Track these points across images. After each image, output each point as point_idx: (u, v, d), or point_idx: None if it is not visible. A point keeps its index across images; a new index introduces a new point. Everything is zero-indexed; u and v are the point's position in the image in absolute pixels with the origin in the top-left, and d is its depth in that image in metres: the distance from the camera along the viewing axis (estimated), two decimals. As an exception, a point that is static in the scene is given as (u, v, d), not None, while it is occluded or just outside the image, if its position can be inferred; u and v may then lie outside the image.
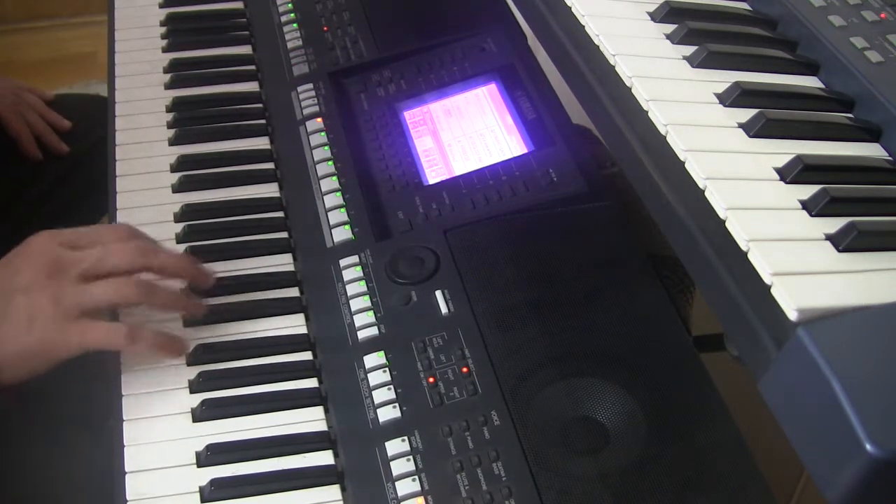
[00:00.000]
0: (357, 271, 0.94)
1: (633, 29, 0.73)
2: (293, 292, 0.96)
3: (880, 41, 0.70)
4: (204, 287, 0.92)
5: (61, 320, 0.82)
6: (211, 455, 0.82)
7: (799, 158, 0.61)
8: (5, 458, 0.93)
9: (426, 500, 0.78)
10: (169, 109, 1.14)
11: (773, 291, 0.53)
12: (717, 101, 0.67)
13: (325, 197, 1.01)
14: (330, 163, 1.05)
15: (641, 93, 0.66)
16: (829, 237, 0.57)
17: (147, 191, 1.05)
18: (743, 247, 0.55)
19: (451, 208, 0.98)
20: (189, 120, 1.13)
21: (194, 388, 0.87)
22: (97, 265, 0.85)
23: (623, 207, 0.97)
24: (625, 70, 0.68)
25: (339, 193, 1.01)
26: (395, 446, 0.81)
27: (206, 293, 0.93)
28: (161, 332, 0.88)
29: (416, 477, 0.79)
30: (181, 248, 0.99)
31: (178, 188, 1.05)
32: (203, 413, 0.85)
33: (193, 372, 0.88)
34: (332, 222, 0.99)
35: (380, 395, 0.84)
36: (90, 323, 0.83)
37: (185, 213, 1.02)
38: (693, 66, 0.70)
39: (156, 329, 0.88)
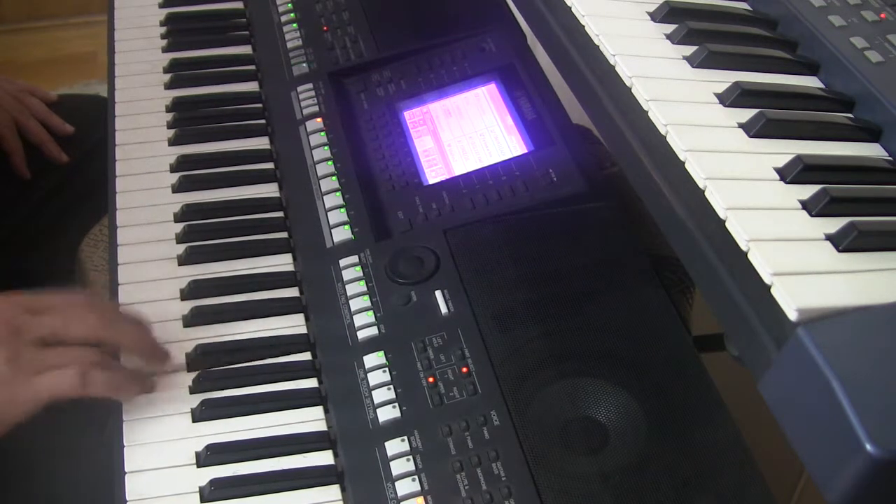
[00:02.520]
0: (357, 271, 0.94)
1: (633, 29, 0.73)
2: (293, 292, 0.96)
3: (880, 41, 0.70)
4: (160, 367, 0.88)
5: (14, 379, 0.79)
6: (211, 455, 0.82)
7: (799, 158, 0.61)
8: (6, 458, 0.93)
9: (426, 499, 0.78)
10: (169, 109, 1.14)
11: (773, 291, 0.53)
12: (717, 101, 0.67)
13: (325, 197, 1.01)
14: (330, 163, 1.05)
15: (641, 93, 0.66)
16: (829, 237, 0.57)
17: (147, 191, 1.05)
18: (743, 247, 0.55)
19: (451, 208, 0.98)
20: (189, 120, 1.13)
21: (194, 388, 0.87)
22: (54, 334, 0.82)
23: (623, 207, 0.97)
24: (625, 70, 0.68)
25: (339, 193, 1.01)
26: (394, 446, 0.81)
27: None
28: (118, 372, 0.85)
29: (416, 477, 0.79)
30: (181, 248, 0.99)
31: (178, 188, 1.05)
32: (203, 413, 0.85)
33: (193, 372, 0.88)
34: (332, 222, 0.99)
35: (380, 395, 0.84)
36: (38, 376, 0.80)
37: (185, 213, 1.02)
38: (693, 66, 0.70)
39: (112, 371, 0.84)
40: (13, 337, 0.81)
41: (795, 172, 0.61)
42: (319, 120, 1.10)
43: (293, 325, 0.93)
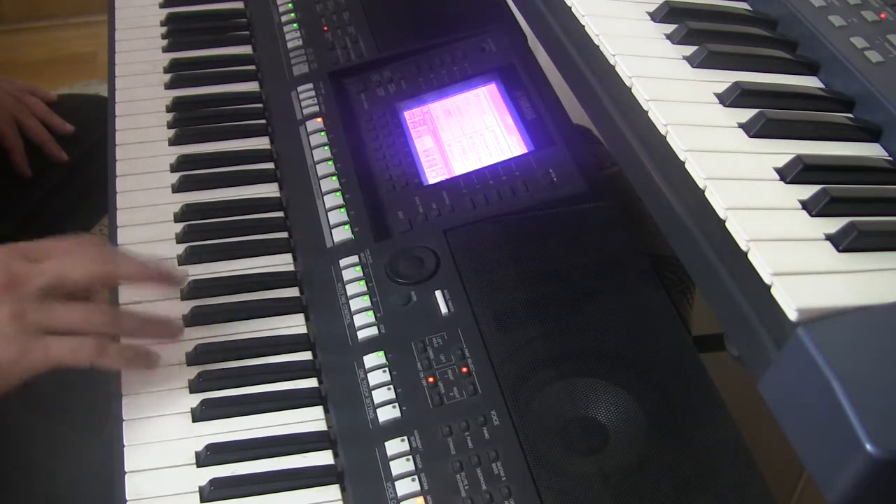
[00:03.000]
0: (357, 271, 0.94)
1: (633, 29, 0.73)
2: (293, 292, 0.96)
3: (880, 41, 0.70)
4: (178, 287, 0.89)
5: (22, 337, 0.78)
6: (211, 455, 0.82)
7: (799, 158, 0.61)
8: (6, 458, 0.93)
9: (426, 499, 0.78)
10: (169, 109, 1.14)
11: (773, 291, 0.53)
12: (717, 101, 0.67)
13: (325, 197, 1.01)
14: (330, 163, 1.05)
15: (641, 93, 0.66)
16: (829, 237, 0.57)
17: (147, 191, 1.05)
18: (743, 247, 0.55)
19: (451, 208, 0.98)
20: (189, 120, 1.13)
21: (194, 388, 0.87)
22: (56, 278, 0.81)
23: (623, 207, 0.97)
24: (625, 70, 0.68)
25: (339, 193, 1.01)
26: (394, 446, 0.81)
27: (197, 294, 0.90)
28: (130, 346, 0.85)
29: (416, 477, 0.79)
30: (181, 248, 0.99)
31: (178, 188, 1.05)
32: (203, 413, 0.85)
33: (193, 372, 0.88)
34: (332, 222, 0.99)
35: (380, 395, 0.84)
36: (54, 339, 0.79)
37: (185, 213, 1.02)
38: (693, 66, 0.70)
39: (125, 344, 0.85)
40: (14, 288, 0.79)
41: (795, 172, 0.61)
42: (319, 120, 1.10)
43: (293, 325, 0.93)
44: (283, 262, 0.98)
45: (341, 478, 0.81)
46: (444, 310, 0.89)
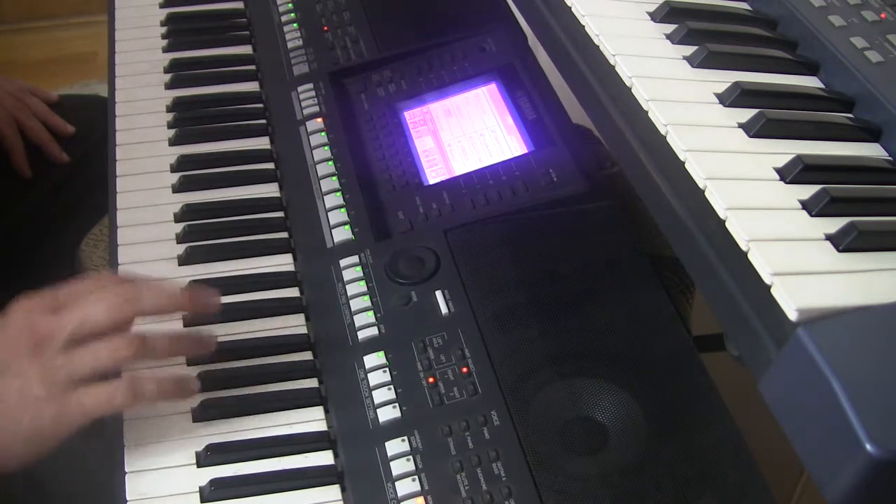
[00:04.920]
0: (357, 271, 0.94)
1: (633, 29, 0.73)
2: (293, 292, 0.96)
3: (880, 41, 0.70)
4: (211, 312, 0.85)
5: (56, 397, 0.75)
6: (211, 455, 0.82)
7: (799, 158, 0.61)
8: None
9: (426, 499, 0.78)
10: (169, 109, 1.14)
11: (773, 291, 0.53)
12: (717, 101, 0.67)
13: (325, 197, 1.01)
14: (330, 163, 1.05)
15: (641, 93, 0.66)
16: (829, 237, 0.57)
17: (147, 191, 1.05)
18: (743, 247, 0.55)
19: (451, 208, 0.98)
20: (189, 120, 1.13)
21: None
22: (80, 327, 0.78)
23: (623, 207, 0.97)
24: (625, 70, 0.68)
25: (339, 193, 1.01)
26: (395, 446, 0.81)
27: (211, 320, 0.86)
28: (165, 377, 0.81)
29: (416, 477, 0.79)
30: (181, 248, 0.99)
31: (178, 188, 1.05)
32: (203, 413, 0.85)
33: (193, 372, 0.88)
34: (332, 222, 0.99)
35: (380, 395, 0.84)
36: (86, 391, 0.77)
37: (185, 213, 1.02)
38: (693, 66, 0.70)
39: (159, 376, 0.81)
40: (40, 348, 0.76)
41: (795, 172, 0.61)
42: (320, 120, 1.10)
43: (293, 325, 0.93)
44: (283, 262, 0.98)
45: (341, 478, 0.81)
46: (444, 310, 0.89)
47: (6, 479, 0.88)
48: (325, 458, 0.83)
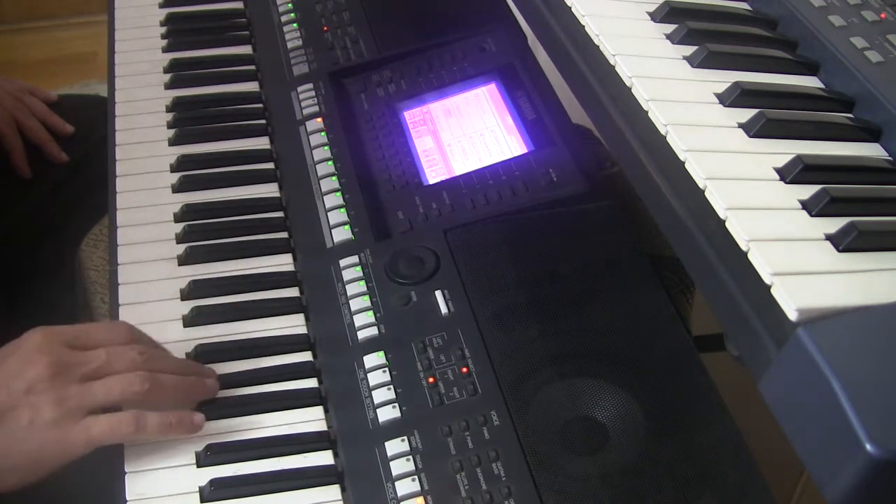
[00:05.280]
0: (357, 271, 0.94)
1: (633, 29, 0.73)
2: (293, 292, 0.96)
3: (880, 41, 0.70)
4: (208, 397, 0.86)
5: (64, 422, 0.78)
6: (211, 455, 0.82)
7: (799, 158, 0.61)
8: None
9: (426, 499, 0.78)
10: (169, 109, 1.14)
11: (773, 291, 0.53)
12: (717, 101, 0.67)
13: (325, 197, 1.01)
14: (330, 163, 1.05)
15: (641, 93, 0.66)
16: (829, 237, 0.57)
17: (147, 191, 1.05)
18: (743, 247, 0.55)
19: (451, 208, 0.98)
20: (189, 120, 1.13)
21: (194, 388, 0.87)
22: (101, 370, 0.81)
23: (623, 207, 0.97)
24: (625, 70, 0.68)
25: (339, 193, 1.01)
26: (394, 446, 0.81)
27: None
28: (169, 414, 0.82)
29: (416, 477, 0.79)
30: (181, 248, 0.99)
31: (178, 188, 1.05)
32: (202, 413, 0.85)
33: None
34: (332, 222, 0.99)
35: (380, 395, 0.84)
36: (93, 419, 0.79)
37: (185, 213, 1.02)
38: (693, 66, 0.70)
39: (164, 413, 0.82)
40: (59, 377, 0.79)
41: (795, 172, 0.61)
42: (319, 120, 1.10)
43: (293, 325, 0.93)
44: (283, 262, 0.98)
45: (341, 478, 0.81)
46: (444, 310, 0.89)
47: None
48: (324, 458, 0.83)
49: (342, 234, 0.97)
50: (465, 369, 0.84)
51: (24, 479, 0.79)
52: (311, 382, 0.88)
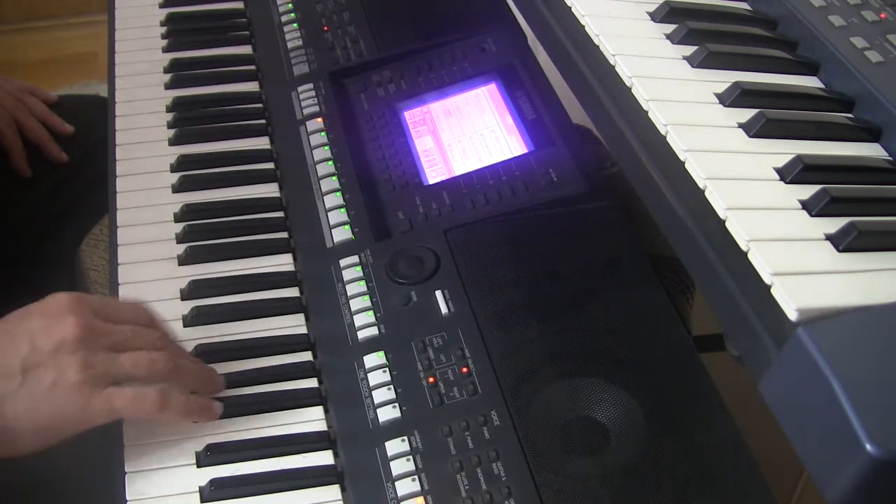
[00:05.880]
0: (357, 271, 0.94)
1: (633, 29, 0.73)
2: (293, 292, 0.96)
3: (880, 41, 0.70)
4: (217, 393, 0.86)
5: (88, 388, 0.76)
6: (211, 455, 0.82)
7: (799, 158, 0.61)
8: (5, 459, 0.93)
9: (426, 499, 0.78)
10: (169, 109, 1.14)
11: (773, 291, 0.53)
12: (717, 101, 0.67)
13: (325, 197, 1.01)
14: (330, 163, 1.05)
15: (641, 93, 0.66)
16: (829, 237, 0.57)
17: (147, 191, 1.05)
18: (743, 247, 0.55)
19: (451, 208, 0.98)
20: (189, 120, 1.13)
21: (194, 388, 0.87)
22: (127, 342, 0.80)
23: (623, 207, 0.97)
24: (625, 70, 0.68)
25: (339, 193, 1.01)
26: (394, 446, 0.81)
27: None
28: (192, 399, 0.82)
29: (416, 477, 0.79)
30: (181, 248, 0.99)
31: (178, 188, 1.05)
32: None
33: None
34: (332, 222, 0.99)
35: (380, 395, 0.84)
36: (117, 390, 0.78)
37: (185, 213, 1.02)
38: (693, 66, 0.70)
39: (187, 397, 0.82)
40: (87, 340, 0.78)
41: (795, 172, 0.61)
42: (319, 120, 1.10)
43: (293, 325, 0.93)
44: (283, 262, 0.98)
45: (341, 478, 0.81)
46: (444, 310, 0.89)
47: (6, 479, 0.88)
48: (324, 458, 0.83)
49: (342, 234, 0.97)
50: (465, 369, 0.84)
51: (39, 443, 0.77)
52: (311, 382, 0.88)
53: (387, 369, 0.86)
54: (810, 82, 0.71)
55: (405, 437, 0.81)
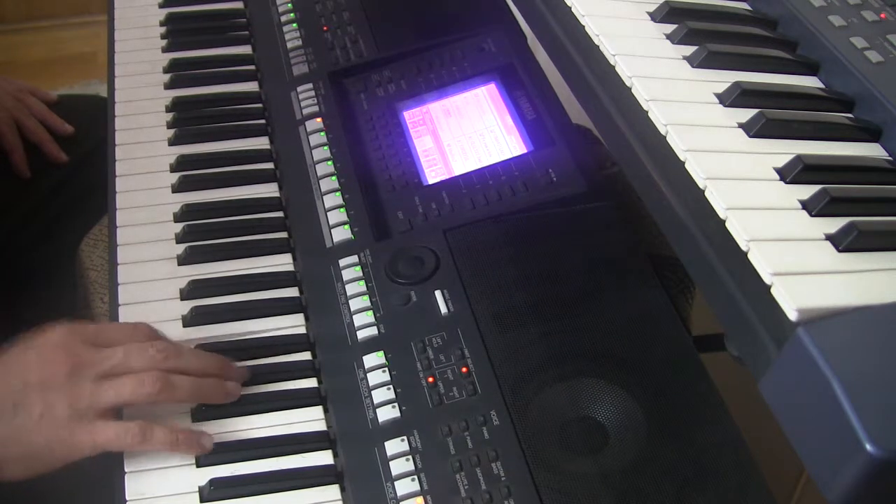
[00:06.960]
0: (357, 271, 0.94)
1: (633, 29, 0.73)
2: (293, 292, 0.96)
3: (880, 41, 0.70)
4: (237, 380, 0.87)
5: (74, 422, 0.79)
6: (210, 455, 0.82)
7: (799, 158, 0.61)
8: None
9: (425, 499, 0.78)
10: (169, 109, 1.14)
11: (773, 291, 0.53)
12: (717, 101, 0.67)
13: (324, 197, 1.01)
14: (329, 163, 1.05)
15: (641, 93, 0.66)
16: (829, 237, 0.57)
17: (147, 191, 1.05)
18: (743, 247, 0.55)
19: (451, 208, 0.98)
20: (189, 120, 1.13)
21: (194, 388, 0.87)
22: (118, 368, 0.82)
23: (623, 207, 0.97)
24: (625, 70, 0.68)
25: (338, 193, 1.01)
26: (394, 446, 0.81)
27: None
28: (175, 428, 0.83)
29: (416, 477, 0.79)
30: (181, 248, 0.99)
31: (178, 188, 1.05)
32: (202, 413, 0.85)
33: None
34: (331, 222, 0.99)
35: (379, 395, 0.84)
36: (102, 423, 0.80)
37: (185, 213, 1.02)
38: (693, 66, 0.70)
39: (170, 426, 0.82)
40: (75, 375, 0.80)
41: (795, 172, 0.61)
42: (319, 120, 1.10)
43: (293, 325, 0.93)
44: (282, 262, 0.98)
45: (341, 478, 0.81)
46: (443, 310, 0.89)
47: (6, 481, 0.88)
48: (324, 457, 0.83)
49: (342, 234, 0.97)
50: (464, 369, 0.84)
51: (28, 471, 0.80)
52: (311, 382, 0.88)
53: (386, 369, 0.86)
54: (810, 82, 0.71)
55: (405, 437, 0.81)
